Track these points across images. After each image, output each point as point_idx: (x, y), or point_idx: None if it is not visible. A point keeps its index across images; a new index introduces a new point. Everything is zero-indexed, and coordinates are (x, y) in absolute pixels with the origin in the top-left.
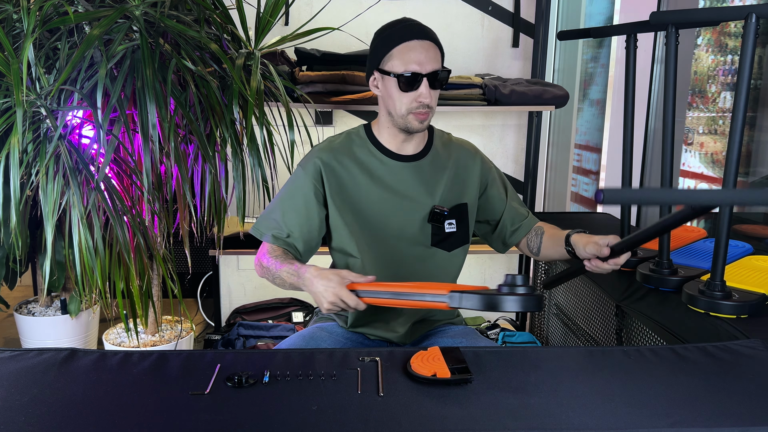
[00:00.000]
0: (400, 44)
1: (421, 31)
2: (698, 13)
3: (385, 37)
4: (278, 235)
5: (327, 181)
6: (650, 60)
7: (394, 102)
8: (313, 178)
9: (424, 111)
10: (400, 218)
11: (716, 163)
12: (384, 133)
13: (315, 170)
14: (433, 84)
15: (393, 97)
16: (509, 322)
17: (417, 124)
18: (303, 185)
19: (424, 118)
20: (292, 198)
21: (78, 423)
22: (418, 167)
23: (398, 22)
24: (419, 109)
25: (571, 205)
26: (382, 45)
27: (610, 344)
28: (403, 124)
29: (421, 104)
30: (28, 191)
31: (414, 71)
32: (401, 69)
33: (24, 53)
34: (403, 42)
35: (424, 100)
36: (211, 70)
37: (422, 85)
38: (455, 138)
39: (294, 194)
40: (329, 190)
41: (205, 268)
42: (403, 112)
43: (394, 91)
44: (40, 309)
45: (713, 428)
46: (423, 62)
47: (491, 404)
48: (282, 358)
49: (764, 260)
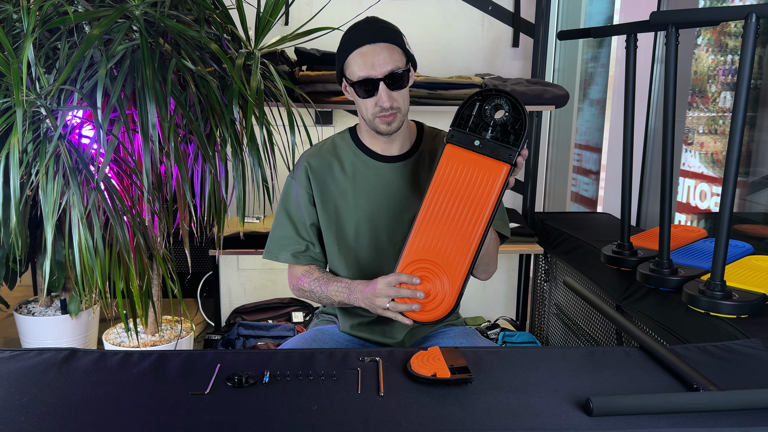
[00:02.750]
0: (353, 51)
1: (374, 33)
2: (698, 13)
3: (342, 44)
4: (297, 251)
5: (314, 183)
6: (650, 60)
7: (360, 108)
8: (303, 184)
9: (388, 114)
10: (389, 220)
11: (716, 163)
12: (365, 136)
13: (304, 176)
14: (392, 86)
15: (358, 103)
16: (509, 322)
17: (384, 126)
18: (298, 194)
19: (391, 120)
20: (295, 209)
21: (78, 423)
22: (405, 167)
23: (353, 28)
24: (382, 113)
25: (571, 205)
26: (340, 53)
27: (610, 344)
28: (373, 128)
29: (381, 108)
30: (28, 191)
31: (367, 76)
32: (355, 77)
33: (24, 53)
34: (356, 48)
35: (383, 104)
36: (211, 70)
37: (380, 89)
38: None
39: (295, 205)
40: (316, 192)
41: (205, 268)
42: (369, 117)
43: (357, 98)
44: (40, 309)
45: (713, 428)
46: (375, 65)
47: (491, 404)
48: (282, 358)
49: (764, 260)
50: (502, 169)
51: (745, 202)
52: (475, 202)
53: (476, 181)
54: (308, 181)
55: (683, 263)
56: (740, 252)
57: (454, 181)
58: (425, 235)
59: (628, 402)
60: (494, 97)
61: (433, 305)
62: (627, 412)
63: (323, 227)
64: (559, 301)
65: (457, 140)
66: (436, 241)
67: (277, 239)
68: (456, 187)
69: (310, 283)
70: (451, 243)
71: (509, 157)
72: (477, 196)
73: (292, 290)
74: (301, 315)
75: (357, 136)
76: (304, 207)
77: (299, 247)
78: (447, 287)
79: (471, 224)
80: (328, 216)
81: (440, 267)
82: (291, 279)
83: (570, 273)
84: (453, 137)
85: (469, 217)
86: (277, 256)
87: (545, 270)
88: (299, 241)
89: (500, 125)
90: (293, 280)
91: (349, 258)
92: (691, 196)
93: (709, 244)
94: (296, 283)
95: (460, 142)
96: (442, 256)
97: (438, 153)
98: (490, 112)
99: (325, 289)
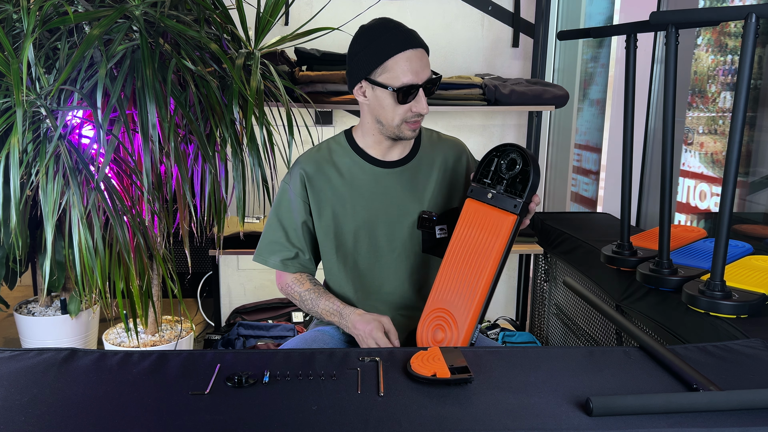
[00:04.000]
0: (394, 55)
1: (414, 39)
2: (698, 13)
3: (376, 46)
4: (286, 257)
5: (311, 191)
6: (650, 60)
7: (386, 113)
8: (299, 191)
9: (419, 119)
10: (388, 226)
11: (716, 163)
12: (369, 140)
13: (300, 183)
14: (428, 92)
15: (386, 108)
16: (509, 322)
17: (410, 133)
18: (293, 199)
19: (417, 127)
20: (287, 215)
21: (78, 423)
22: (403, 173)
23: (385, 29)
24: (414, 119)
25: (571, 205)
26: (373, 55)
27: (610, 344)
28: (395, 134)
29: (416, 114)
30: (28, 191)
31: (412, 83)
32: (398, 82)
33: (24, 53)
34: (399, 53)
35: (423, 111)
36: (211, 70)
37: (419, 95)
38: (443, 135)
39: (288, 210)
40: (313, 199)
41: (205, 268)
42: (397, 123)
43: (388, 102)
44: (40, 309)
45: (713, 428)
46: (419, 72)
47: (491, 404)
48: (282, 358)
49: (764, 260)
50: (508, 219)
51: (744, 202)
52: (485, 252)
53: (487, 232)
54: (304, 190)
55: (683, 263)
56: (740, 252)
57: (470, 233)
58: (444, 286)
59: (627, 402)
60: (509, 152)
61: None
62: (627, 412)
63: (320, 233)
64: (559, 301)
65: (474, 194)
66: (451, 291)
67: (268, 243)
68: (471, 238)
69: (301, 293)
70: (462, 293)
71: (514, 207)
72: (487, 246)
73: (279, 288)
74: (301, 315)
75: (353, 140)
76: (297, 213)
77: (288, 253)
78: (458, 337)
79: (481, 276)
80: (326, 223)
81: (453, 317)
82: (279, 279)
83: (570, 273)
84: (472, 192)
85: (479, 266)
86: (266, 260)
87: (545, 270)
88: (289, 248)
89: (511, 177)
90: (282, 280)
91: (348, 263)
92: (691, 196)
93: (709, 244)
94: (284, 286)
95: (477, 195)
96: (455, 307)
97: (436, 157)
98: (506, 165)
99: (316, 304)
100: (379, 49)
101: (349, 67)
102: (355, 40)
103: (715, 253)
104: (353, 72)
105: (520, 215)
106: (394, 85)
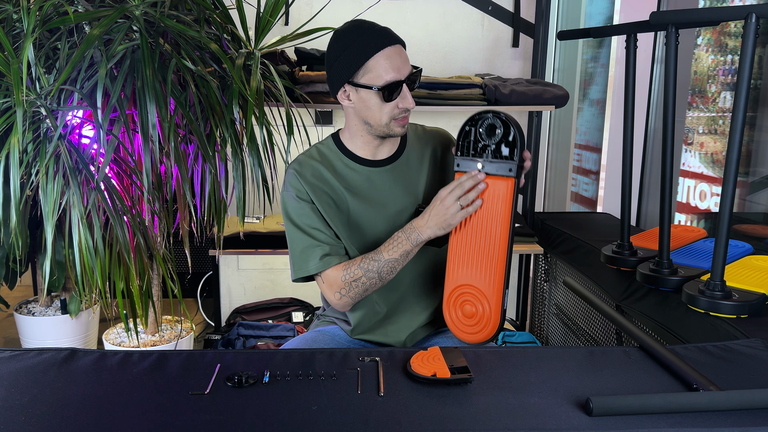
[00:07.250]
0: (374, 55)
1: (391, 36)
2: (698, 13)
3: (355, 49)
4: (324, 254)
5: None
6: (650, 60)
7: (373, 113)
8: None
9: (406, 115)
10: (387, 225)
11: (716, 163)
12: (357, 142)
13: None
14: (411, 86)
15: (372, 108)
16: (509, 322)
17: (399, 129)
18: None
19: (406, 122)
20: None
21: (78, 423)
22: (394, 169)
23: (361, 30)
24: (402, 115)
25: (571, 204)
26: (353, 58)
27: (610, 344)
28: (385, 132)
29: (403, 110)
30: (28, 191)
31: (395, 80)
32: (381, 81)
33: (24, 53)
34: (378, 51)
35: (409, 106)
36: (211, 70)
37: (403, 90)
38: (428, 128)
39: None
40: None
41: (205, 268)
42: (386, 121)
43: (374, 102)
44: (40, 309)
45: (713, 428)
46: (400, 68)
47: (491, 404)
48: (282, 358)
49: (764, 260)
50: (507, 184)
51: (745, 202)
52: (493, 221)
53: (489, 201)
54: (305, 191)
55: (683, 263)
56: (740, 252)
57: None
58: (459, 265)
59: (627, 402)
60: (484, 119)
61: (481, 326)
62: (627, 412)
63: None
64: (559, 301)
65: (463, 168)
66: (469, 267)
67: (300, 253)
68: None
69: (355, 270)
70: (483, 265)
71: (510, 171)
72: (493, 214)
73: (336, 302)
74: (301, 315)
75: (342, 143)
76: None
77: (323, 250)
78: (490, 306)
79: (495, 243)
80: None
81: (479, 290)
82: (330, 289)
83: (570, 273)
84: (459, 165)
85: (491, 234)
86: (307, 268)
87: (545, 270)
88: (321, 245)
89: (497, 143)
90: (334, 287)
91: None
92: (691, 196)
93: (709, 244)
94: (340, 283)
95: (467, 169)
96: (478, 280)
97: (425, 150)
98: (486, 133)
99: (378, 260)
100: (357, 51)
101: (329, 73)
102: (332, 46)
103: (715, 253)
104: (334, 77)
105: (517, 177)
106: (377, 85)
